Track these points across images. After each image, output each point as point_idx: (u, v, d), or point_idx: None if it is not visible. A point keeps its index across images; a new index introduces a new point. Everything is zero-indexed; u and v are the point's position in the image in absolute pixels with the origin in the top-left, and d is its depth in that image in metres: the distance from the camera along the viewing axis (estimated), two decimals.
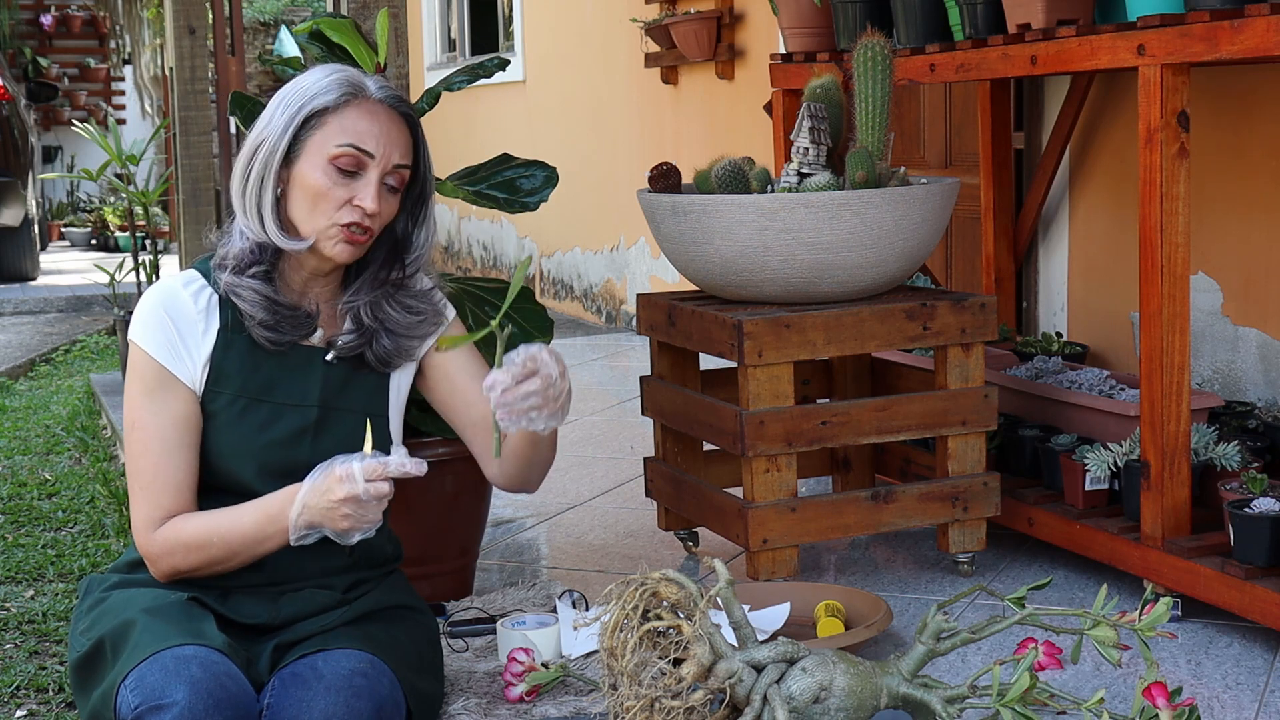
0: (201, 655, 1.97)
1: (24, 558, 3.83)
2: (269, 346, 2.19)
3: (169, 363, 2.15)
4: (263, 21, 15.28)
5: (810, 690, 2.05)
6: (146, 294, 2.21)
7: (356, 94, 2.17)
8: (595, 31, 7.35)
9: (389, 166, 2.17)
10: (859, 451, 3.51)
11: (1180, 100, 2.70)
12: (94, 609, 2.18)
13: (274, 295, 2.19)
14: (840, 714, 2.06)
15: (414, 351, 2.30)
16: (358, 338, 2.24)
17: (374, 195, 2.15)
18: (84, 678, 2.13)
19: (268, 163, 2.16)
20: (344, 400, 2.24)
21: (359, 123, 2.15)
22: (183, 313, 2.17)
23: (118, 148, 5.70)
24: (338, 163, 2.14)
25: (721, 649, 2.05)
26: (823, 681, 2.06)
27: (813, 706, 2.05)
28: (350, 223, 2.15)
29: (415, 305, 2.29)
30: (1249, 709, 2.42)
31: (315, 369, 2.22)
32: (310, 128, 2.15)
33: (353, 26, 2.91)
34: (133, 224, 6.00)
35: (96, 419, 5.73)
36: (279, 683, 2.05)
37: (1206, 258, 3.65)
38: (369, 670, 2.05)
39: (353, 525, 2.05)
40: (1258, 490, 2.73)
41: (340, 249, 2.17)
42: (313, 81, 2.18)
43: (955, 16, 3.33)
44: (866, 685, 2.09)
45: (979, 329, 3.02)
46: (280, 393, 2.20)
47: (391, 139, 2.17)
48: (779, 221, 2.89)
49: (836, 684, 2.06)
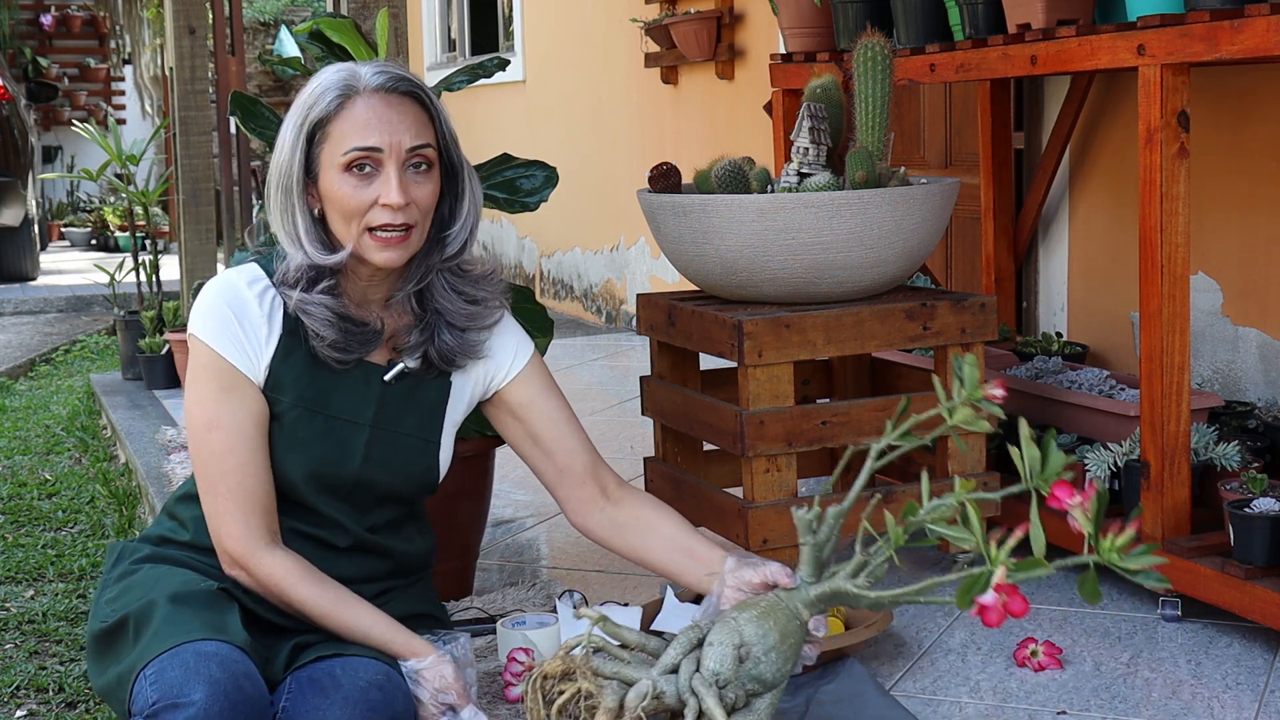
0: (223, 653, 1.95)
1: (24, 558, 3.83)
2: (335, 366, 2.17)
3: (236, 359, 2.13)
4: (263, 21, 15.28)
5: (728, 657, 2.00)
6: (207, 287, 2.17)
7: (350, 92, 2.12)
8: (595, 31, 7.35)
9: (403, 152, 2.11)
10: (859, 451, 3.50)
11: (1180, 100, 2.70)
12: (123, 579, 2.16)
13: (343, 310, 2.15)
14: (772, 655, 2.02)
15: (478, 349, 2.26)
16: (419, 335, 2.21)
17: (396, 187, 2.09)
18: (103, 650, 2.11)
19: (288, 188, 2.13)
20: (397, 423, 2.22)
21: (358, 121, 2.10)
22: (247, 312, 2.14)
23: (118, 148, 5.70)
24: (350, 168, 2.10)
25: (631, 676, 2.01)
26: (734, 642, 2.01)
27: (743, 668, 2.01)
28: (381, 224, 2.11)
29: (472, 293, 2.24)
30: (1249, 709, 2.42)
31: (373, 387, 2.20)
32: (318, 142, 2.12)
33: (353, 26, 2.91)
34: (133, 224, 6.01)
35: (96, 419, 5.73)
36: (295, 685, 2.03)
37: (1206, 258, 3.65)
38: (385, 683, 2.04)
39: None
40: (1258, 490, 2.73)
41: (382, 254, 2.13)
42: (309, 92, 2.14)
43: (955, 16, 3.33)
44: (778, 616, 2.05)
45: (979, 329, 3.02)
46: (335, 406, 2.18)
47: (397, 124, 2.11)
48: (779, 221, 2.89)
49: (748, 634, 2.01)
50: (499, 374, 2.31)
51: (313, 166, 2.13)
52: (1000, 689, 2.52)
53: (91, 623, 2.17)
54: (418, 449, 2.23)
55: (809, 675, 2.53)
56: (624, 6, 6.87)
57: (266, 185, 2.17)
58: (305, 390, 2.16)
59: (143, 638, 2.02)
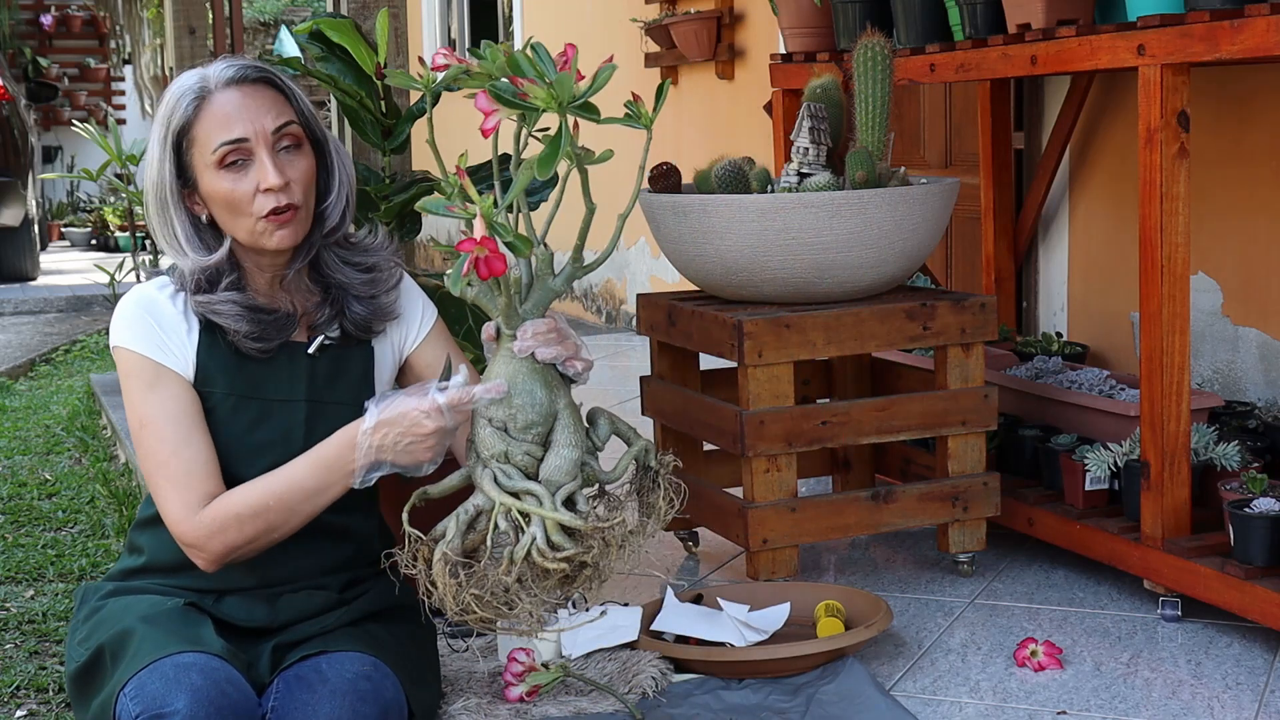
0: (201, 662, 1.96)
1: (24, 558, 3.83)
2: (258, 355, 2.18)
3: (160, 357, 2.14)
4: (263, 21, 15.29)
5: (490, 436, 2.06)
6: (121, 302, 2.19)
7: (204, 93, 2.13)
8: (595, 31, 7.35)
9: (269, 135, 2.13)
10: (859, 451, 3.51)
11: (1180, 100, 2.70)
12: (90, 618, 2.17)
13: (251, 302, 2.17)
14: (521, 399, 2.07)
15: (390, 309, 2.28)
16: (329, 310, 2.23)
17: (271, 169, 2.12)
18: (83, 687, 2.12)
19: (164, 199, 2.15)
20: (331, 393, 2.23)
21: (219, 117, 2.12)
22: (163, 314, 2.16)
23: (118, 148, 5.69)
24: (224, 165, 2.12)
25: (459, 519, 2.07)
26: (483, 423, 2.06)
27: (512, 429, 2.06)
28: (269, 210, 2.13)
29: (363, 261, 2.26)
30: (1249, 709, 2.42)
31: (300, 363, 2.22)
32: (185, 149, 2.14)
33: (353, 26, 2.91)
34: (133, 224, 6.00)
35: (96, 419, 5.73)
36: (283, 685, 2.04)
37: (1206, 258, 3.65)
38: (373, 674, 2.05)
39: (434, 455, 2.09)
40: (1258, 490, 2.73)
41: (277, 236, 2.15)
42: (167, 104, 2.16)
43: (955, 16, 3.33)
44: (497, 371, 2.09)
45: (979, 329, 3.02)
46: (268, 389, 2.19)
47: (254, 110, 2.13)
48: (779, 221, 2.89)
49: (487, 411, 2.07)
50: (409, 336, 2.33)
51: (187, 174, 2.15)
52: (1000, 689, 2.52)
53: (67, 666, 2.18)
54: (356, 417, 2.24)
55: (809, 675, 2.53)
56: (624, 6, 6.87)
57: (144, 202, 2.19)
58: (235, 379, 2.18)
59: (120, 662, 2.03)
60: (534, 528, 2.02)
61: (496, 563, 2.03)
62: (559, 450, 2.08)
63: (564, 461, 2.07)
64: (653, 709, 2.43)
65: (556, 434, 2.09)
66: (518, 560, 2.02)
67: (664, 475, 2.16)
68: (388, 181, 3.01)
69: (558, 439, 2.08)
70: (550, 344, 2.11)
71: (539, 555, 2.01)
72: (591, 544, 2.05)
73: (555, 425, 2.09)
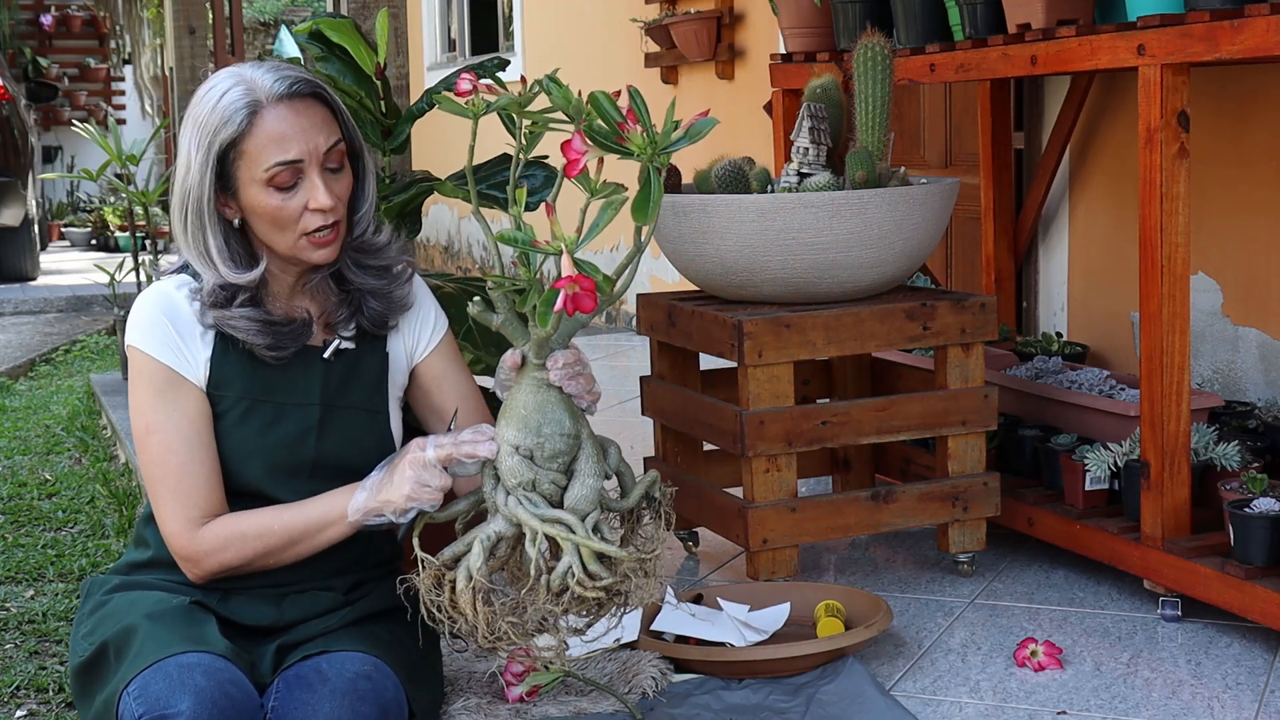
0: (205, 663, 1.96)
1: (24, 558, 3.83)
2: (275, 363, 2.18)
3: (174, 363, 2.14)
4: (263, 21, 15.30)
5: (516, 465, 2.04)
6: (140, 299, 2.18)
7: (257, 106, 2.09)
8: (595, 31, 7.35)
9: (320, 155, 2.12)
10: (859, 451, 3.51)
11: (1180, 100, 2.70)
12: (95, 612, 2.17)
13: (267, 316, 2.16)
14: (549, 428, 2.05)
15: (405, 300, 2.27)
16: (347, 309, 2.23)
17: (323, 191, 2.11)
18: (86, 682, 2.12)
19: (200, 210, 2.12)
20: (344, 398, 2.23)
21: (273, 135, 2.09)
22: (180, 315, 2.15)
23: (118, 148, 5.70)
24: (275, 183, 2.10)
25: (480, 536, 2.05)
26: (509, 451, 2.04)
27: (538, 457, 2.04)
28: (316, 228, 2.12)
29: (377, 263, 2.24)
30: (1249, 709, 2.42)
31: (315, 367, 2.22)
32: (230, 161, 2.11)
33: (353, 26, 2.91)
34: (133, 224, 6.00)
35: (96, 419, 5.73)
36: (283, 685, 2.04)
37: (1206, 258, 3.65)
38: (373, 673, 2.05)
39: (420, 502, 2.08)
40: (1258, 490, 2.73)
41: (319, 253, 2.15)
42: (211, 112, 2.10)
43: (955, 16, 3.33)
44: (521, 399, 2.07)
45: (979, 329, 3.02)
46: (282, 393, 2.19)
47: (308, 129, 2.11)
48: (779, 221, 2.89)
49: (511, 436, 2.05)
50: (420, 343, 2.32)
51: (228, 183, 2.13)
52: (1000, 689, 2.52)
53: (71, 660, 2.18)
54: (368, 422, 2.24)
55: (809, 675, 2.53)
56: (624, 6, 6.87)
57: (171, 206, 2.16)
58: (249, 383, 2.17)
59: (124, 659, 2.02)
60: (569, 556, 2.01)
61: (534, 591, 2.02)
62: (583, 479, 2.07)
63: (589, 490, 2.06)
64: (653, 709, 2.43)
65: (580, 463, 2.08)
66: (553, 588, 2.01)
67: (666, 505, 2.16)
68: (388, 181, 3.02)
69: (581, 468, 2.07)
70: (577, 377, 2.10)
71: (578, 584, 2.01)
72: (628, 573, 2.04)
73: (579, 454, 2.08)
